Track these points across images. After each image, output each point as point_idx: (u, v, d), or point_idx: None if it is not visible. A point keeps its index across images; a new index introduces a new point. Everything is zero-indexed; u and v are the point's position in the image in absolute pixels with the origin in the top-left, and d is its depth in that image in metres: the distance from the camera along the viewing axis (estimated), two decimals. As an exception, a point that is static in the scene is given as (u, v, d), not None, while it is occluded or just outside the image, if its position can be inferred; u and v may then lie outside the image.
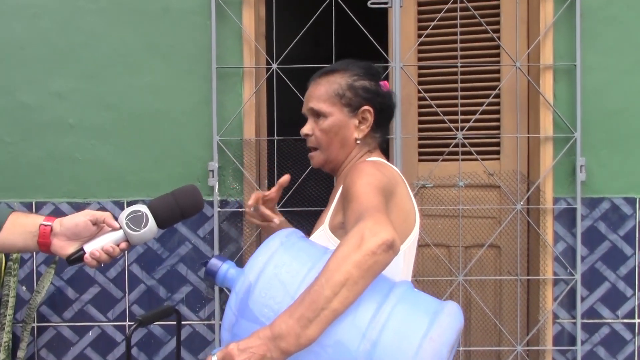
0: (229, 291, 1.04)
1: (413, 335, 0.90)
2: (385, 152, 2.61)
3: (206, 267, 1.07)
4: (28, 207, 2.64)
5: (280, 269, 0.99)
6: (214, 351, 0.95)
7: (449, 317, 0.94)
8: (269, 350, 0.91)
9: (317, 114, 1.39)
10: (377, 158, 1.40)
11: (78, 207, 2.63)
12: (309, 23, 2.51)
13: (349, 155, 1.41)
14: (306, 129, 1.42)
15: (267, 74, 2.63)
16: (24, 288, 2.65)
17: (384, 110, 1.40)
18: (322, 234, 1.30)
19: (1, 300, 2.50)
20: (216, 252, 2.58)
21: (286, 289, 0.97)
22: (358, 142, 1.39)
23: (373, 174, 1.21)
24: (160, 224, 1.27)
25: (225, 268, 1.06)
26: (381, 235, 0.95)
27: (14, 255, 2.48)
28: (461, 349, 2.66)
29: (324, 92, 1.39)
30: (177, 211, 1.28)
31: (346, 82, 1.38)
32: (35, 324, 2.66)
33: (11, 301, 2.48)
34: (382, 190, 1.17)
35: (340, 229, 1.27)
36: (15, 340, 2.57)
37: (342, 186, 1.29)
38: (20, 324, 2.57)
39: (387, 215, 1.04)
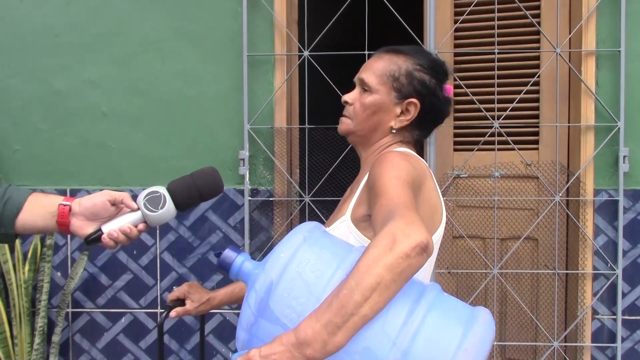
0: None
1: (447, 346, 0.84)
2: (420, 142, 2.58)
3: (219, 259, 1.00)
4: (62, 194, 2.65)
5: (304, 268, 0.92)
6: (235, 356, 0.90)
7: (483, 326, 0.87)
8: (293, 358, 0.85)
9: (365, 86, 1.34)
10: (406, 149, 1.33)
11: (111, 195, 2.65)
12: (341, 9, 2.46)
13: (379, 141, 1.35)
14: (348, 97, 1.36)
15: (299, 61, 2.59)
16: (58, 274, 2.69)
17: (432, 112, 1.33)
18: (344, 225, 1.25)
19: (37, 286, 2.55)
20: (247, 241, 2.57)
21: (310, 290, 0.90)
22: (393, 131, 1.33)
23: (402, 167, 1.14)
24: (178, 205, 1.25)
25: (240, 260, 1.00)
26: (415, 236, 0.89)
27: (48, 242, 2.52)
28: (496, 343, 2.60)
29: (381, 68, 1.33)
30: (195, 193, 1.26)
31: (406, 68, 1.31)
32: (70, 310, 2.70)
33: (46, 287, 2.52)
34: (411, 185, 1.11)
35: (363, 221, 1.22)
36: (50, 325, 2.62)
37: (367, 176, 1.23)
38: (55, 309, 2.61)
39: (419, 214, 0.98)
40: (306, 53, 2.52)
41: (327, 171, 2.53)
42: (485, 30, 2.59)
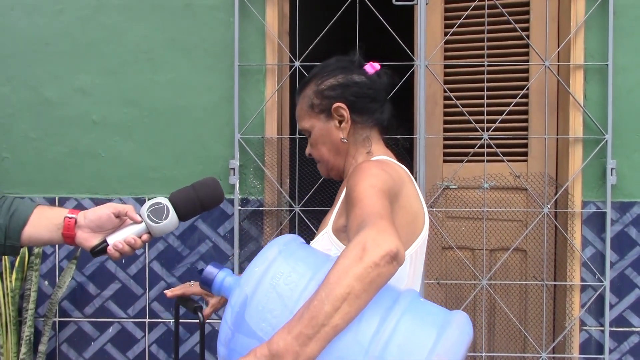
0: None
1: (419, 351, 0.85)
2: (409, 152, 2.59)
3: (201, 276, 1.02)
4: (51, 203, 2.65)
5: (278, 280, 0.93)
6: None
7: (457, 330, 0.88)
8: None
9: (305, 133, 1.40)
10: (382, 156, 1.34)
11: (100, 203, 2.62)
12: (332, 21, 2.48)
13: (346, 158, 1.37)
14: (307, 150, 1.43)
15: (290, 71, 2.60)
16: (46, 283, 2.67)
17: (360, 97, 1.34)
18: (325, 237, 1.26)
19: (24, 295, 2.53)
20: (236, 250, 2.57)
21: (284, 302, 0.91)
22: (344, 140, 1.34)
23: (377, 175, 1.15)
24: (180, 215, 1.28)
25: (222, 276, 1.01)
26: (384, 245, 0.89)
27: (36, 250, 2.50)
28: (484, 354, 2.60)
29: (301, 110, 1.39)
30: (197, 203, 1.30)
31: (312, 91, 1.36)
32: (57, 319, 2.68)
33: (33, 295, 2.50)
34: (387, 193, 1.11)
35: (343, 232, 1.22)
36: (37, 335, 2.60)
37: (345, 187, 1.23)
38: (42, 319, 2.59)
39: (392, 222, 0.99)
40: (297, 63, 2.53)
41: (317, 181, 2.53)
42: (475, 43, 2.61)
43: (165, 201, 1.27)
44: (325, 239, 1.26)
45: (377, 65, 1.37)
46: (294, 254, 0.99)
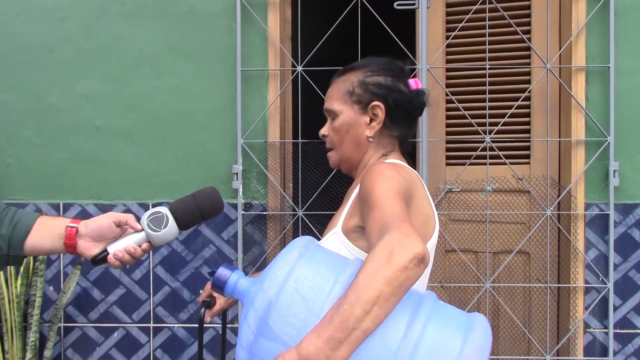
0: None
1: (447, 355, 0.86)
2: (412, 155, 2.60)
3: (214, 278, 1.01)
4: (56, 209, 2.66)
5: (302, 284, 0.93)
6: None
7: (482, 333, 0.89)
8: None
9: (332, 114, 1.38)
10: (395, 160, 1.35)
11: (104, 209, 2.65)
12: (334, 25, 2.49)
13: (364, 155, 1.37)
14: (322, 130, 1.41)
15: (292, 76, 2.61)
16: (51, 288, 2.68)
17: (400, 107, 1.34)
18: (335, 237, 1.26)
19: (29, 300, 2.54)
20: (240, 255, 2.57)
21: (309, 306, 0.91)
22: (371, 140, 1.34)
23: (392, 177, 1.15)
24: (180, 224, 1.29)
25: (235, 278, 1.01)
26: (411, 248, 0.90)
27: (40, 256, 2.51)
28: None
29: (337, 91, 1.37)
30: (196, 212, 1.31)
31: (358, 79, 1.34)
32: (62, 324, 2.69)
33: (38, 301, 2.51)
34: (403, 195, 1.12)
35: (354, 232, 1.23)
36: (42, 340, 2.61)
37: (358, 188, 1.24)
38: (47, 324, 2.60)
39: (413, 225, 0.99)
40: (299, 68, 2.54)
41: (320, 185, 2.54)
42: (477, 46, 2.62)
43: (164, 210, 1.28)
44: (335, 239, 1.26)
45: (420, 84, 1.38)
46: (315, 256, 0.98)
